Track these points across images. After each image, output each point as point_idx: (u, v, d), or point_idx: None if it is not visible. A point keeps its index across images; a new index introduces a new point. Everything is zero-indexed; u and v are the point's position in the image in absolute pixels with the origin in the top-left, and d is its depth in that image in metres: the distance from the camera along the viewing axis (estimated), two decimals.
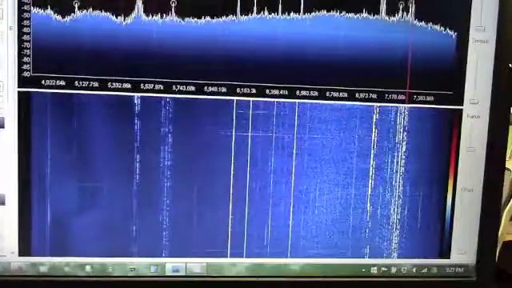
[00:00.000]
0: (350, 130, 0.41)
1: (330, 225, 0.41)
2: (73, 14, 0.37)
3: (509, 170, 0.52)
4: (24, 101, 0.38)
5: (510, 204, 0.52)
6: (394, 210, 0.42)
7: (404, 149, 0.42)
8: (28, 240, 0.39)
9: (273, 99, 0.40)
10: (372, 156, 0.41)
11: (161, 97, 0.39)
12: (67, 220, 0.39)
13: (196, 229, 0.40)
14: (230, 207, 0.40)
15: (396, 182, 0.42)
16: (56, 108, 0.38)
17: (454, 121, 0.42)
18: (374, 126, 0.41)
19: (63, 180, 0.39)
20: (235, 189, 0.40)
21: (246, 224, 0.41)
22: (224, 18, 0.38)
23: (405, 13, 0.40)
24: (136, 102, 0.39)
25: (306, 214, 0.41)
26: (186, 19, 0.38)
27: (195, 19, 0.38)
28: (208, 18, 0.38)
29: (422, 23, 0.40)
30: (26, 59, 0.38)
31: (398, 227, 0.42)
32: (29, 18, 0.37)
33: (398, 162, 0.42)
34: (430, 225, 0.42)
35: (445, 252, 0.43)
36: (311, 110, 0.40)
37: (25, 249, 0.39)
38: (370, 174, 0.41)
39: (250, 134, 0.40)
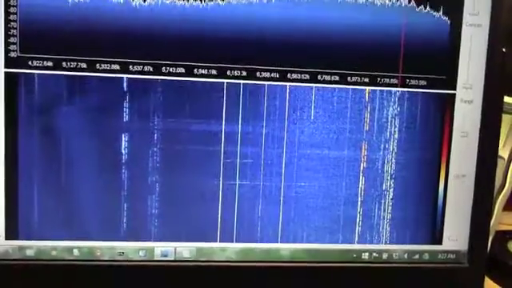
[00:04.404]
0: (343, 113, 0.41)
1: (321, 208, 0.41)
2: None
3: (502, 158, 0.52)
4: (11, 81, 0.37)
5: (502, 193, 0.52)
6: (385, 194, 0.42)
7: (396, 133, 0.41)
8: (15, 223, 0.39)
9: (263, 82, 0.39)
10: (363, 143, 0.41)
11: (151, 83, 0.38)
12: (54, 203, 0.39)
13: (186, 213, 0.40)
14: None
15: (388, 167, 0.41)
16: (43, 89, 0.38)
17: (446, 105, 0.41)
18: (365, 112, 0.41)
19: (50, 163, 0.38)
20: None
21: (236, 211, 0.40)
22: None
23: None
24: (125, 82, 0.38)
25: (298, 194, 0.41)
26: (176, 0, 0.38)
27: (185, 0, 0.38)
28: None
29: (416, 7, 0.40)
30: (12, 39, 0.37)
31: (390, 212, 0.42)
32: None
33: (389, 148, 0.41)
34: (421, 210, 0.42)
35: (437, 238, 0.42)
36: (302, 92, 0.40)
37: (11, 232, 0.39)
38: (361, 162, 0.41)
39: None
